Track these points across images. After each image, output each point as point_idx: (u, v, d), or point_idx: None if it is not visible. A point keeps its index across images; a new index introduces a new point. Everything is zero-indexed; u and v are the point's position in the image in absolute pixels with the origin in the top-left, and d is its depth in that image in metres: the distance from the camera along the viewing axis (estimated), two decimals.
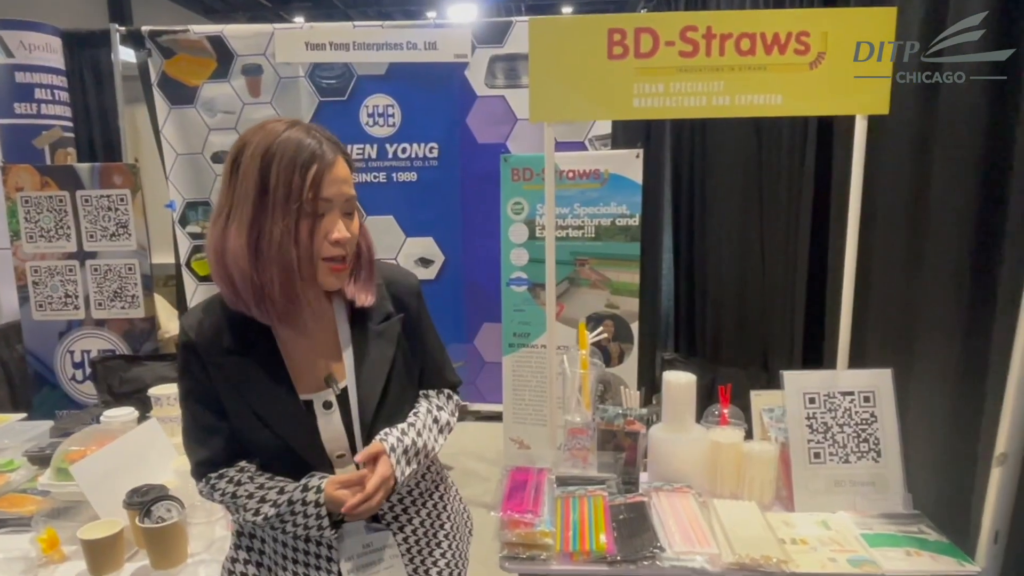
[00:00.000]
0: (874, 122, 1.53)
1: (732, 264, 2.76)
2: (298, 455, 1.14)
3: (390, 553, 1.22)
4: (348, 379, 1.18)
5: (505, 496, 1.39)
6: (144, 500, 1.47)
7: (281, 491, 1.12)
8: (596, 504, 1.45)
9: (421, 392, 1.35)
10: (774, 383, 1.70)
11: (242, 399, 1.13)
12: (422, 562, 1.25)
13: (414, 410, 1.26)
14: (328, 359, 1.19)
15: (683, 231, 3.00)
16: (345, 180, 1.10)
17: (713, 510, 1.44)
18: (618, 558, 1.28)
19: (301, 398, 1.15)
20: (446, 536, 1.30)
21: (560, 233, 3.00)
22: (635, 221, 2.89)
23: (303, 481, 1.12)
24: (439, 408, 1.28)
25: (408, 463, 1.15)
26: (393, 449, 1.14)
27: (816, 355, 2.08)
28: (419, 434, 1.19)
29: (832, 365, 1.74)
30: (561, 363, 1.63)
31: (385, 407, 1.19)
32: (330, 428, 1.16)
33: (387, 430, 1.17)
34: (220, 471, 1.17)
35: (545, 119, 1.74)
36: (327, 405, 1.16)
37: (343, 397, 1.17)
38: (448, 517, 1.32)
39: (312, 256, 1.08)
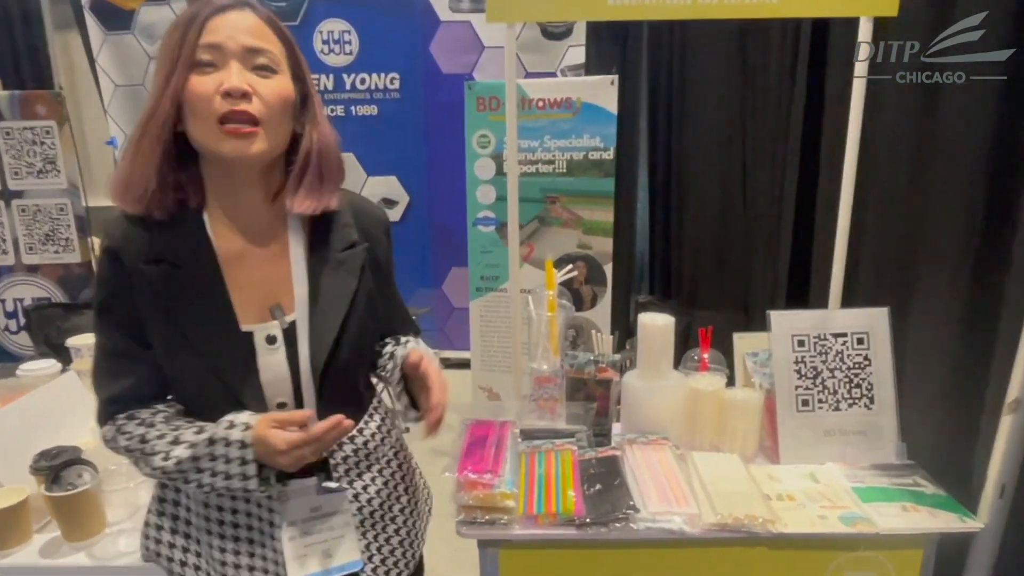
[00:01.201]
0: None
1: (712, 201, 2.59)
2: (233, 394, 0.98)
3: (342, 520, 1.07)
4: (298, 312, 1.01)
5: (462, 454, 1.24)
6: (52, 464, 1.29)
7: (201, 430, 0.96)
8: (564, 460, 1.31)
9: (390, 339, 1.19)
10: (755, 326, 1.56)
11: (170, 320, 0.96)
12: (375, 537, 1.11)
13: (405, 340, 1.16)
14: (276, 287, 1.02)
15: (660, 166, 2.81)
16: (247, 29, 0.94)
17: (692, 464, 1.31)
18: (587, 520, 1.14)
19: (242, 328, 0.98)
20: (402, 510, 1.16)
21: (529, 168, 2.79)
22: (609, 155, 2.70)
23: (229, 417, 0.95)
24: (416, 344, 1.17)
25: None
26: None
27: (801, 297, 1.94)
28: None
29: (819, 307, 1.61)
30: (526, 305, 1.46)
31: (342, 350, 1.03)
32: (272, 368, 1.00)
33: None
34: (131, 411, 1.00)
35: (505, 19, 1.52)
36: (270, 340, 1.00)
37: (291, 333, 1.01)
38: (406, 489, 1.18)
39: (206, 118, 0.91)
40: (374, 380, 1.20)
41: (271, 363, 0.99)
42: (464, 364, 3.29)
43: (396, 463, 1.18)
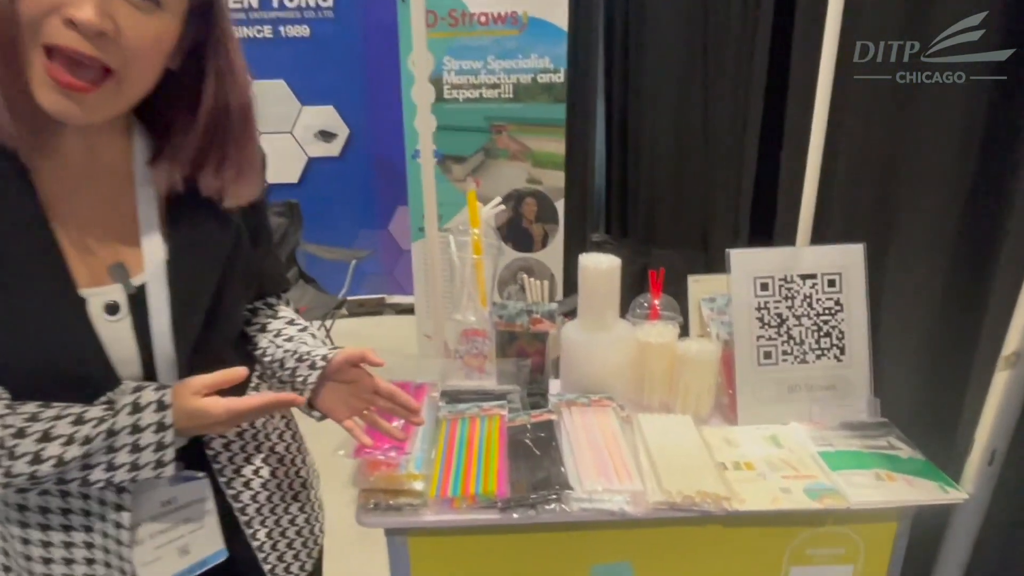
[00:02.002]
0: None
1: (673, 130, 2.36)
2: (73, 380, 0.75)
3: (199, 510, 0.86)
4: (150, 273, 0.79)
5: (366, 427, 1.04)
6: None
7: (79, 419, 0.73)
8: (490, 427, 1.12)
9: (260, 303, 1.00)
10: (716, 266, 1.37)
11: None
12: (271, 532, 0.94)
13: (299, 330, 0.98)
14: (119, 240, 0.79)
15: (616, 91, 2.56)
16: None
17: (638, 428, 1.13)
18: (511, 502, 0.96)
19: (79, 293, 0.75)
20: (295, 496, 0.99)
21: (471, 93, 2.52)
22: (560, 77, 2.43)
23: (125, 400, 0.73)
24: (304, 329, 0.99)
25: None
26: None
27: (765, 236, 1.75)
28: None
29: (784, 244, 1.42)
30: (447, 247, 1.24)
31: (217, 323, 0.83)
32: (116, 345, 0.77)
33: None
34: None
35: None
36: (111, 309, 0.77)
37: (140, 300, 0.78)
38: (298, 471, 1.01)
39: (30, 42, 0.65)
40: (268, 350, 0.97)
41: (114, 338, 0.76)
42: (413, 309, 3.08)
43: (286, 442, 0.99)
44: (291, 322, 0.99)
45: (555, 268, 2.72)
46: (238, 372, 0.78)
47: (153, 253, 0.79)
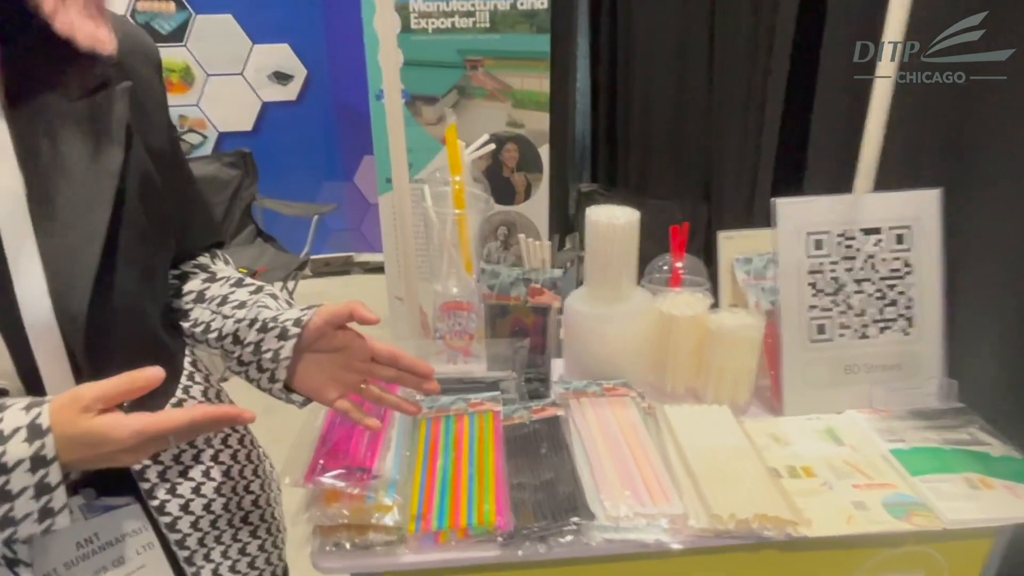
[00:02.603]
0: None
1: (672, 63, 2.09)
2: None
3: (135, 544, 0.64)
4: (3, 214, 0.56)
5: (320, 439, 0.79)
6: None
7: None
8: (482, 429, 0.89)
9: (190, 266, 0.77)
10: (727, 222, 1.14)
11: None
12: (224, 554, 0.74)
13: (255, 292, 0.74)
14: None
15: (604, 19, 2.27)
16: None
17: (665, 424, 0.91)
18: (515, 536, 0.73)
19: None
20: (255, 502, 0.78)
21: (442, 23, 2.20)
22: (543, 3, 2.13)
23: None
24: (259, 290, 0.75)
25: None
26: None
27: (792, 182, 1.51)
28: None
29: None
30: (421, 199, 0.98)
31: (117, 283, 0.61)
32: None
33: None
34: None
35: None
36: None
37: None
38: (255, 471, 0.80)
39: None
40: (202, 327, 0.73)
41: None
42: (383, 268, 2.81)
43: (232, 448, 0.77)
44: (239, 283, 0.75)
45: (540, 223, 2.47)
46: (147, 375, 0.55)
47: (2, 185, 0.54)
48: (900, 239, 0.96)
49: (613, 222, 0.95)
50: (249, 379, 0.70)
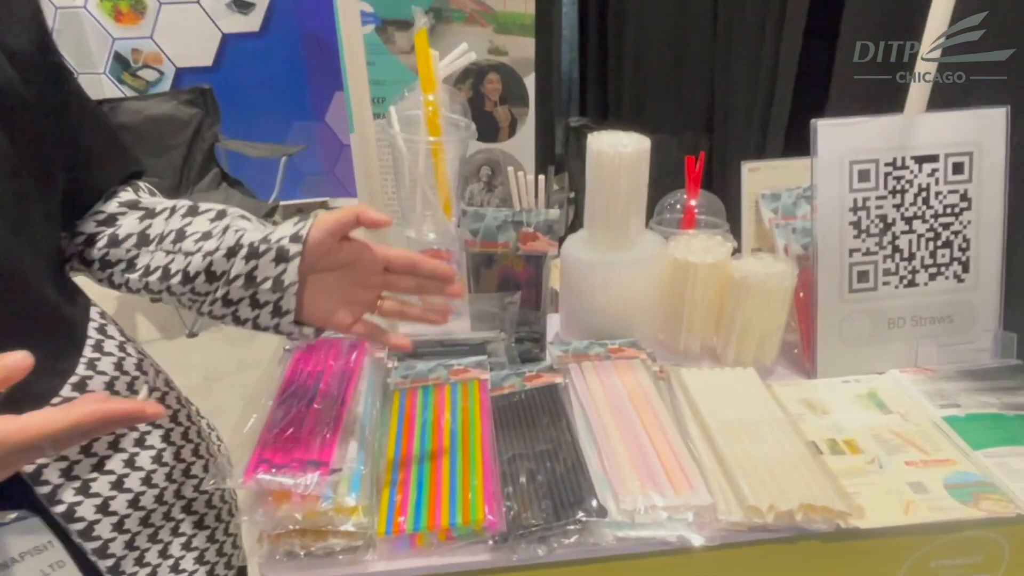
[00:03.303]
0: None
1: None
2: None
3: (41, 565, 0.53)
4: None
5: (265, 426, 0.64)
6: None
7: None
8: (466, 401, 0.75)
9: (118, 206, 0.62)
10: (729, 155, 0.98)
11: None
12: (163, 553, 0.62)
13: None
14: None
15: None
16: None
17: (682, 390, 0.77)
18: (509, 536, 0.60)
19: None
20: (198, 486, 0.65)
21: None
22: None
23: None
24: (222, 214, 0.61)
25: None
26: None
27: (813, 110, 1.34)
28: None
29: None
30: (388, 126, 0.81)
31: None
32: None
33: None
34: None
35: None
36: None
37: None
38: (196, 450, 0.67)
39: None
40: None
41: None
42: None
43: (166, 421, 0.64)
44: (191, 211, 0.59)
45: (526, 162, 2.29)
46: (16, 360, 0.39)
47: None
48: (958, 168, 0.81)
49: (619, 151, 0.79)
50: (239, 320, 0.57)
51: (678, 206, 0.93)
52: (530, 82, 2.17)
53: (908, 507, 0.64)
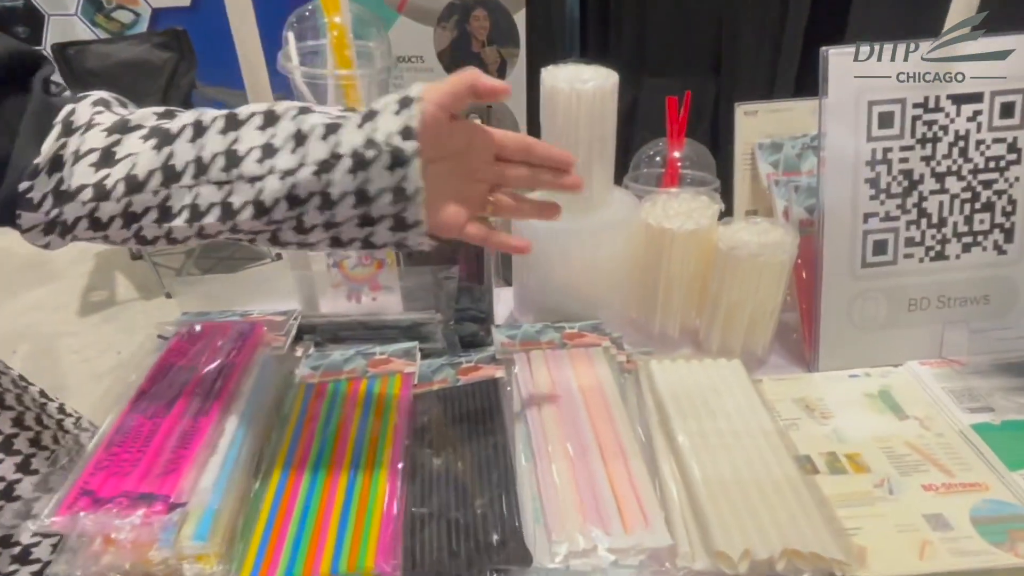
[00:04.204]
0: None
1: None
2: None
3: None
4: None
5: (104, 440, 0.51)
6: None
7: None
8: (382, 403, 0.61)
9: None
10: (736, 95, 0.81)
11: None
12: None
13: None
14: None
15: None
16: None
17: (650, 390, 0.63)
18: None
19: None
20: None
21: None
22: None
23: None
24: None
25: None
26: None
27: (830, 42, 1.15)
28: None
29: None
30: (283, 61, 0.65)
31: None
32: None
33: None
34: None
35: None
36: None
37: None
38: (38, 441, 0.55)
39: None
40: None
41: None
42: None
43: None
44: (231, 122, 0.44)
45: (518, 110, 2.10)
46: None
47: None
48: (1008, 110, 0.64)
49: (577, 88, 0.63)
50: (340, 243, 0.46)
51: (658, 159, 0.77)
52: (520, 19, 1.96)
53: (924, 549, 0.50)
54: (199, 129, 0.43)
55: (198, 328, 0.63)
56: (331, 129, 0.42)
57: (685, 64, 1.91)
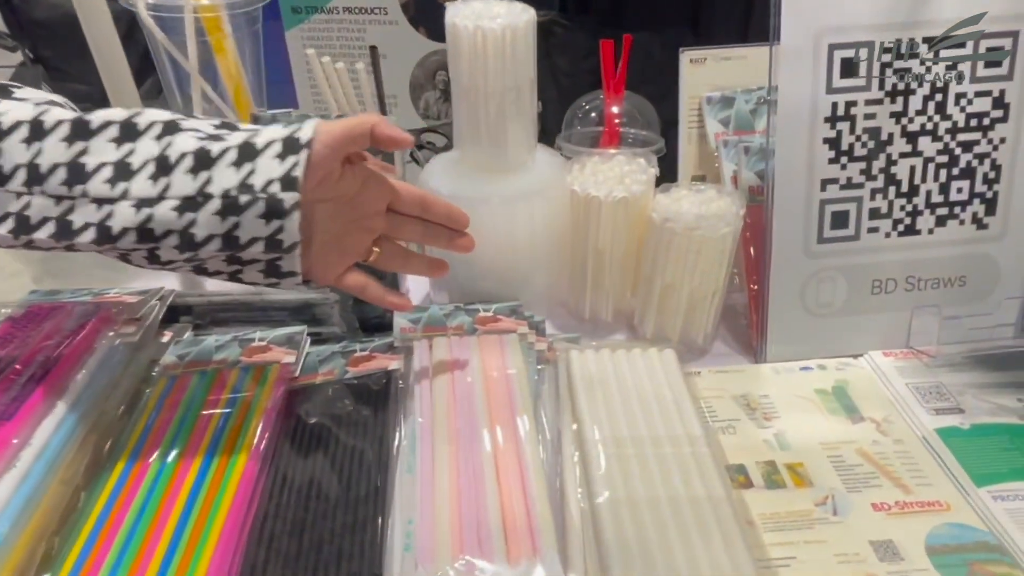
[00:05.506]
0: None
1: None
2: None
3: None
4: None
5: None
6: None
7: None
8: (249, 402, 0.52)
9: None
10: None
11: None
12: None
13: None
14: None
15: None
16: None
17: (567, 384, 0.54)
18: None
19: None
20: None
21: None
22: None
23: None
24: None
25: None
26: None
27: None
28: None
29: None
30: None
31: None
32: None
33: None
34: None
35: None
36: None
37: None
38: None
39: None
40: None
41: None
42: None
43: None
44: (77, 130, 0.37)
45: None
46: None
47: None
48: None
49: (483, 26, 0.52)
50: (204, 272, 0.42)
51: (593, 114, 0.67)
52: None
53: None
54: (37, 130, 0.36)
55: (35, 310, 0.54)
56: (201, 162, 0.37)
57: (665, 17, 1.79)
